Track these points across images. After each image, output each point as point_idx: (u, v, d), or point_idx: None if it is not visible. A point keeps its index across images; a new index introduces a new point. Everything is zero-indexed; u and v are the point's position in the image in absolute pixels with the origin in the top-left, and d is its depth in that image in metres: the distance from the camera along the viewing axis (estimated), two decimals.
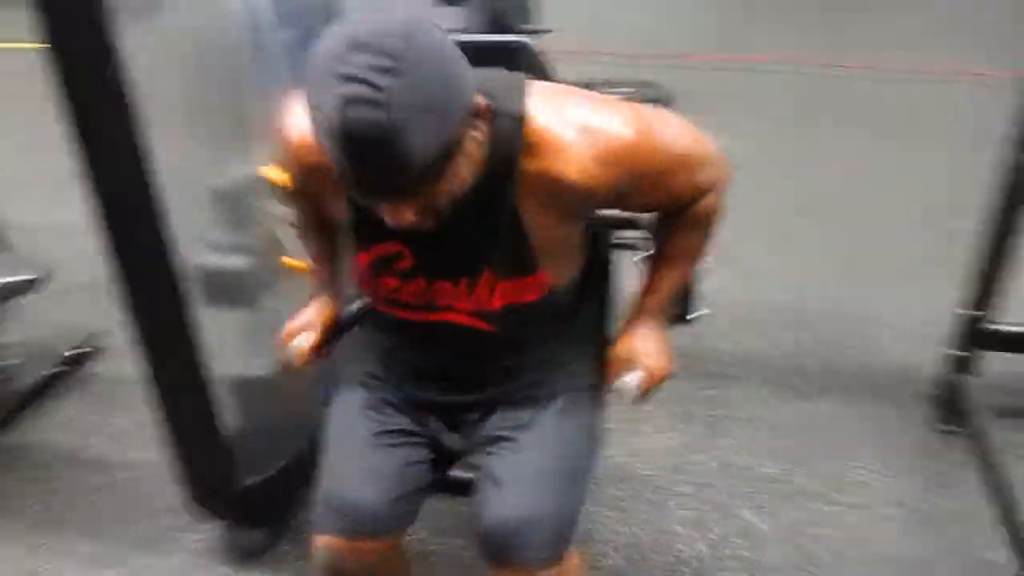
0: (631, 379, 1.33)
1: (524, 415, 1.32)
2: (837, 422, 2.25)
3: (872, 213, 3.31)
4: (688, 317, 1.90)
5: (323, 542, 1.29)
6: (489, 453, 1.31)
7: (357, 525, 1.28)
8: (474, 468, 1.34)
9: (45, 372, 2.43)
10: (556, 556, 1.23)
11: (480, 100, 1.02)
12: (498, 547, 1.24)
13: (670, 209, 1.30)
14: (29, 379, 2.40)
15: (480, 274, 1.20)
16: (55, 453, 2.27)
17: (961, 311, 2.12)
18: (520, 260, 1.19)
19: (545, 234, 1.18)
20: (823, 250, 3.07)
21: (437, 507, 1.64)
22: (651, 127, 1.16)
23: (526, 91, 1.13)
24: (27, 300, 2.32)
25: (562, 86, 1.20)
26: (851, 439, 2.19)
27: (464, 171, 1.04)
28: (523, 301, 1.23)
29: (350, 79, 0.90)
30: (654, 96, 4.21)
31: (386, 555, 1.33)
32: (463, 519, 1.59)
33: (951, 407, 2.19)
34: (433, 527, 1.91)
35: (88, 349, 2.53)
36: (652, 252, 1.38)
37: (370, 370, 1.38)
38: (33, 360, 2.47)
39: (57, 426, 2.34)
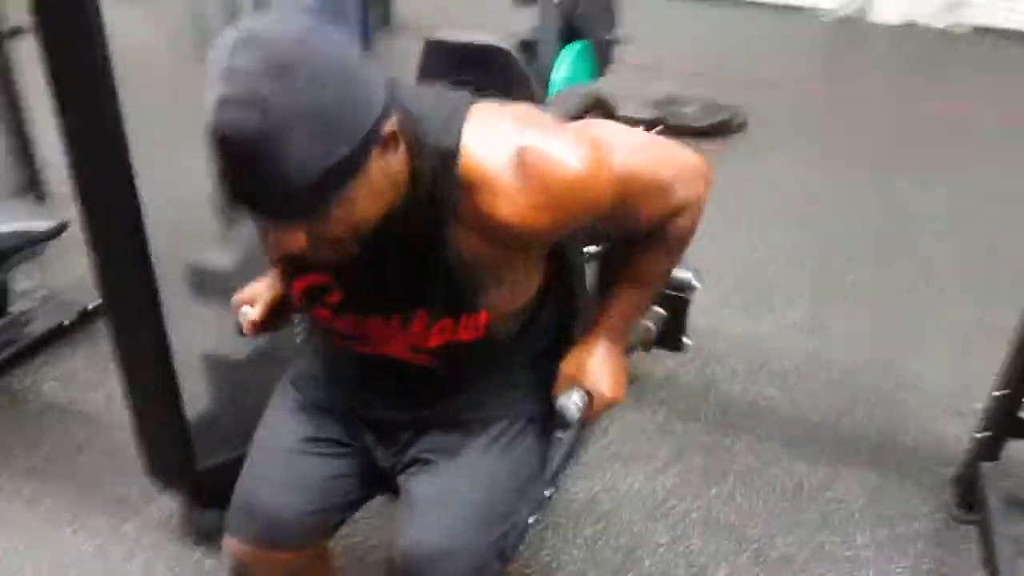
0: (572, 400, 1.24)
1: (453, 440, 1.25)
2: (842, 490, 2.09)
3: (923, 265, 3.09)
4: (682, 344, 1.80)
5: (233, 547, 1.25)
6: (411, 475, 1.24)
7: (271, 535, 1.24)
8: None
9: (57, 322, 2.47)
10: None
11: (390, 127, 0.93)
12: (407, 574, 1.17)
13: (637, 234, 1.22)
14: (41, 327, 2.44)
15: (413, 313, 1.13)
16: (50, 403, 2.31)
17: (997, 392, 1.95)
18: (457, 300, 1.11)
19: (489, 271, 1.10)
20: (862, 300, 2.88)
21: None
22: (605, 159, 1.07)
23: (464, 121, 1.03)
24: (55, 248, 2.37)
25: (512, 111, 1.09)
26: (854, 512, 2.03)
27: (369, 203, 0.95)
28: (459, 339, 1.15)
29: (231, 78, 0.83)
30: (723, 117, 4.10)
31: (299, 567, 1.28)
32: None
33: (971, 494, 2.01)
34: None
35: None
36: (614, 264, 1.29)
37: (313, 372, 1.33)
38: (48, 309, 2.51)
39: (58, 377, 2.38)
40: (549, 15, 3.80)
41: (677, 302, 1.78)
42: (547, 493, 1.99)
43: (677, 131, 4.09)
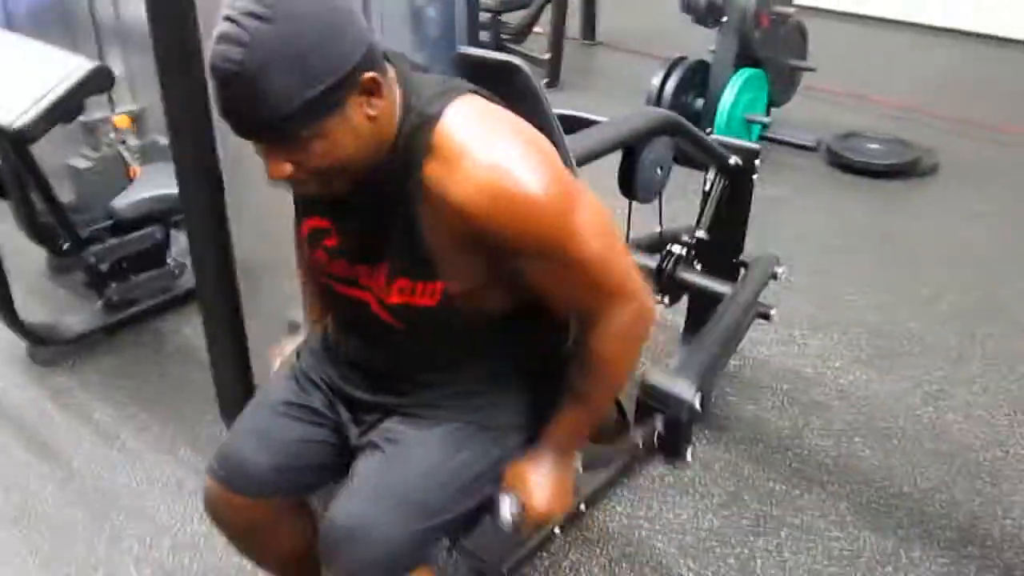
0: (505, 506, 1.28)
1: (406, 431, 1.31)
2: (903, 571, 1.90)
3: None
4: (683, 454, 1.75)
5: (207, 484, 1.39)
6: (363, 455, 1.32)
7: (235, 479, 1.37)
8: None
9: None
10: (370, 573, 1.22)
11: (371, 77, 1.04)
12: (326, 547, 1.25)
13: (564, 301, 1.23)
14: (190, 281, 2.78)
15: (380, 265, 1.21)
16: (184, 346, 2.63)
17: None
18: (415, 262, 1.18)
19: (445, 251, 1.16)
20: (1006, 373, 2.56)
21: None
22: (568, 207, 1.12)
23: (454, 101, 1.12)
24: None
25: (513, 118, 1.16)
26: None
27: (345, 142, 1.06)
28: (417, 304, 1.21)
29: (227, 19, 0.99)
30: (909, 159, 3.79)
31: (259, 516, 1.40)
32: None
33: None
34: None
35: None
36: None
37: (313, 346, 1.45)
38: None
39: (195, 326, 2.68)
40: (726, 38, 3.75)
41: (671, 417, 1.72)
42: (581, 507, 1.99)
43: (854, 168, 3.85)
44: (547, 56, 4.96)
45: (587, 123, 1.77)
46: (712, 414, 2.34)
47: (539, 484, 1.30)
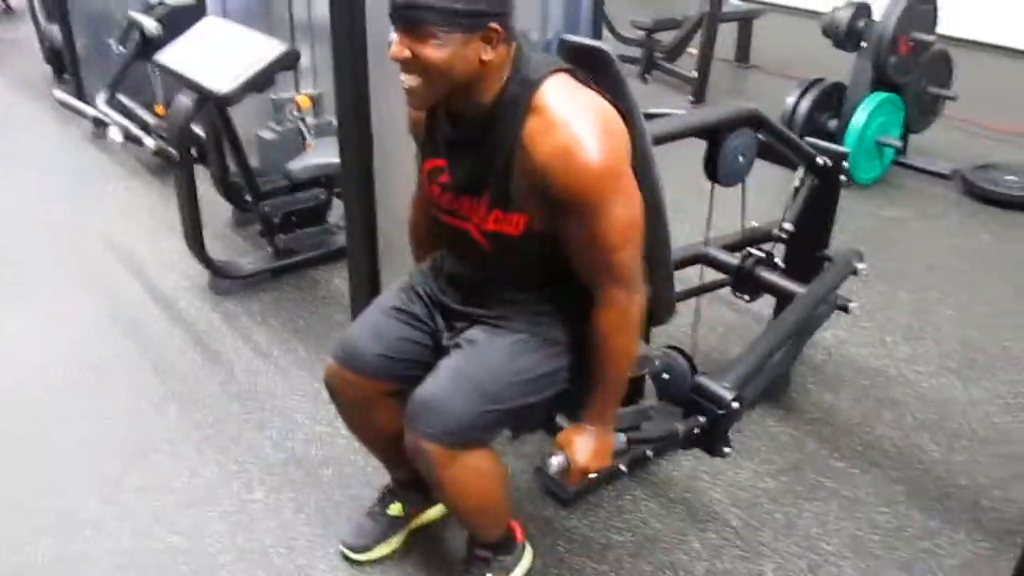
0: (555, 461, 1.62)
1: (482, 335, 1.64)
2: (944, 548, 2.02)
3: None
4: (721, 451, 1.93)
5: (328, 363, 1.78)
6: (447, 353, 1.66)
7: (348, 360, 1.74)
8: None
9: None
10: (440, 438, 1.54)
11: (497, 28, 1.38)
12: (408, 416, 1.60)
13: (582, 266, 1.54)
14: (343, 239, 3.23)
15: (482, 197, 1.55)
16: (333, 294, 3.09)
17: None
18: (507, 196, 1.51)
19: (526, 192, 1.48)
20: None
21: None
22: (614, 186, 1.43)
23: (553, 75, 1.45)
24: None
25: (588, 97, 1.47)
26: (941, 569, 1.97)
27: (455, 61, 1.39)
28: (505, 232, 1.54)
29: None
30: None
31: (364, 393, 1.75)
32: None
33: None
34: None
35: None
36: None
37: (423, 268, 1.81)
38: None
39: (344, 278, 3.12)
40: (862, 61, 3.87)
41: (713, 415, 1.89)
42: (648, 453, 2.24)
43: (988, 198, 3.85)
44: (694, 75, 5.19)
45: None
46: (789, 397, 2.54)
47: (582, 445, 1.62)
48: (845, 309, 2.42)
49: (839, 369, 2.70)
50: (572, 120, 1.41)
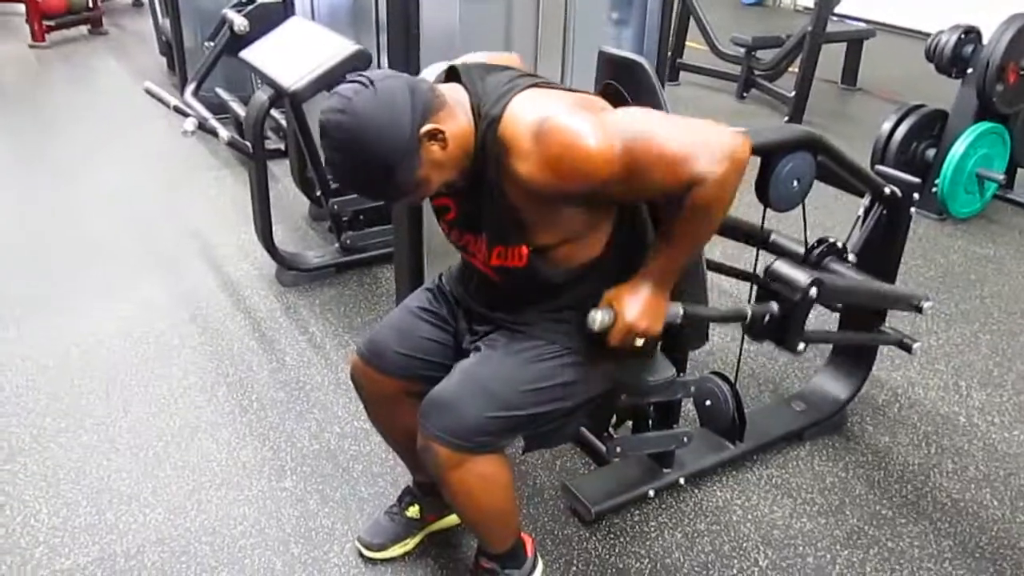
0: (599, 315, 1.50)
1: (501, 341, 1.63)
2: None
3: None
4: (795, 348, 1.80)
5: (353, 359, 1.81)
6: (467, 356, 1.65)
7: (372, 358, 1.76)
8: None
9: None
10: (447, 439, 1.54)
11: (428, 129, 1.37)
12: (421, 415, 1.60)
13: (658, 199, 1.46)
14: None
15: (481, 236, 1.55)
16: (386, 290, 3.11)
17: None
18: (507, 232, 1.51)
19: (535, 215, 1.47)
20: None
21: None
22: (617, 139, 1.37)
23: (513, 96, 1.42)
24: None
25: (561, 94, 1.45)
26: None
27: (438, 171, 1.42)
28: (511, 265, 1.54)
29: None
30: None
31: (385, 389, 1.77)
32: None
33: None
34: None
35: None
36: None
37: (451, 272, 1.81)
38: None
39: None
40: (966, 89, 3.66)
41: (787, 301, 1.76)
42: (680, 480, 2.18)
43: None
44: (793, 95, 5.03)
45: None
46: (842, 435, 2.42)
47: (632, 302, 1.52)
48: (908, 349, 2.29)
49: (903, 412, 2.55)
50: (545, 130, 1.37)
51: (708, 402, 2.30)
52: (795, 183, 1.99)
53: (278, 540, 2.02)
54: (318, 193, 3.21)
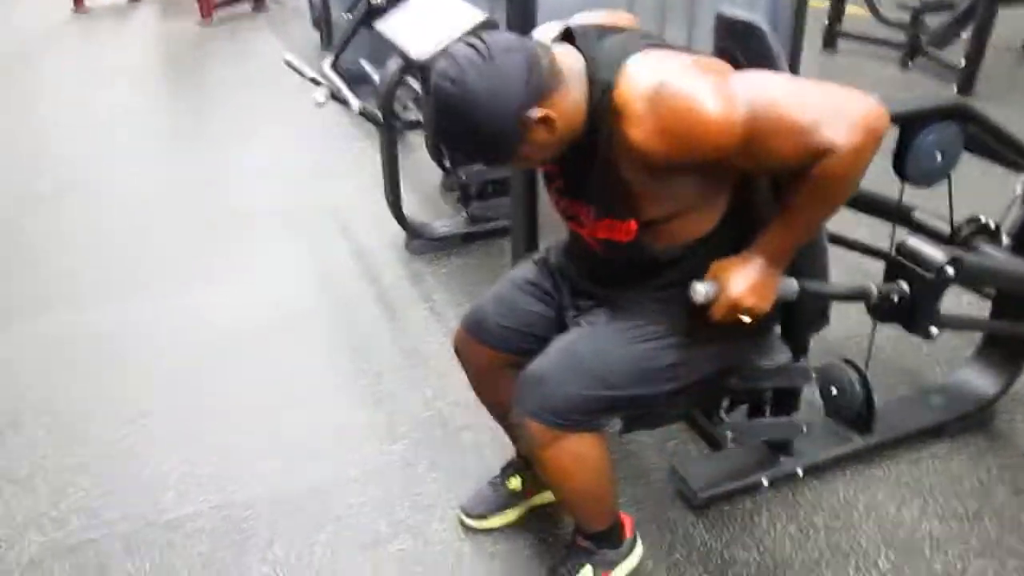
0: (703, 287, 1.41)
1: (605, 316, 1.59)
2: None
3: None
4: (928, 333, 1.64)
5: (457, 330, 1.82)
6: (568, 330, 1.62)
7: (475, 329, 1.76)
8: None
9: None
10: (541, 416, 1.51)
11: (539, 115, 1.31)
12: (517, 390, 1.58)
13: (782, 170, 1.35)
14: None
15: (591, 205, 1.50)
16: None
17: None
18: (616, 205, 1.45)
19: (648, 187, 1.40)
20: None
21: None
22: (740, 103, 1.27)
23: (627, 60, 1.34)
24: None
25: (681, 57, 1.35)
26: None
27: (542, 150, 1.38)
28: (617, 239, 1.48)
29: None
30: None
31: (487, 361, 1.77)
32: None
33: None
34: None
35: None
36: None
37: (557, 244, 1.78)
38: None
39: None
40: None
41: (920, 280, 1.59)
42: (799, 471, 2.06)
43: None
44: (963, 63, 4.62)
45: None
46: (987, 434, 2.21)
47: (739, 276, 1.41)
48: None
49: None
50: (661, 94, 1.28)
51: (834, 390, 2.16)
52: (938, 156, 1.82)
53: (384, 502, 2.07)
54: (447, 163, 3.24)
